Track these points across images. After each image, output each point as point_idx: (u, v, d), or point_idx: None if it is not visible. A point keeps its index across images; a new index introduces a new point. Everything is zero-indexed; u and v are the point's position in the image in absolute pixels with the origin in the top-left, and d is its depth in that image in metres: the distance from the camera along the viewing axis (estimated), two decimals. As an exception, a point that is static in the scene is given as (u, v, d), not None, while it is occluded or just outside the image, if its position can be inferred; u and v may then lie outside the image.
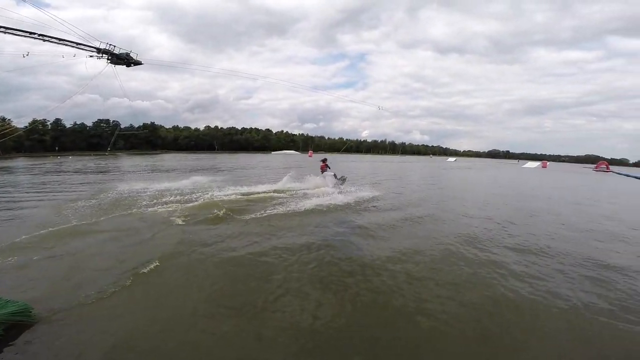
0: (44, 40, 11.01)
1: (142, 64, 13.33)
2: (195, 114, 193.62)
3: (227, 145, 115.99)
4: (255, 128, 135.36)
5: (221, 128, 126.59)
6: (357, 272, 5.37)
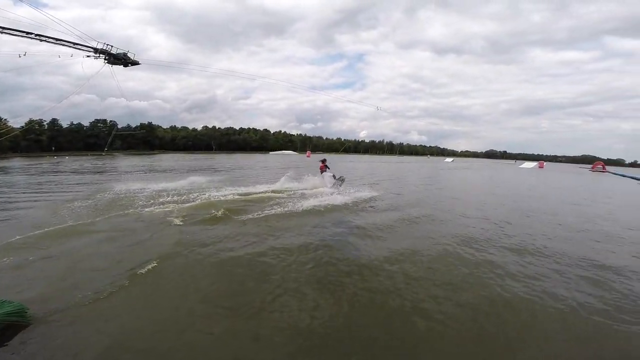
0: (41, 40, 10.97)
1: (139, 64, 13.32)
2: (193, 114, 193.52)
3: (224, 145, 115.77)
4: (253, 128, 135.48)
5: (219, 128, 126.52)
6: (355, 272, 5.38)
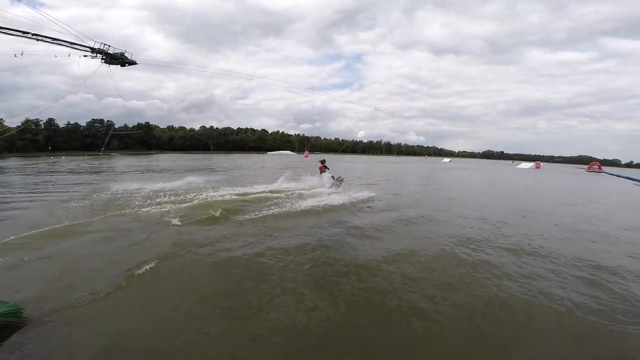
0: (38, 40, 10.91)
1: (136, 64, 13.30)
2: (190, 114, 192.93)
3: (222, 145, 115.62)
4: (251, 128, 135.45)
5: (216, 128, 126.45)
6: (352, 272, 5.38)
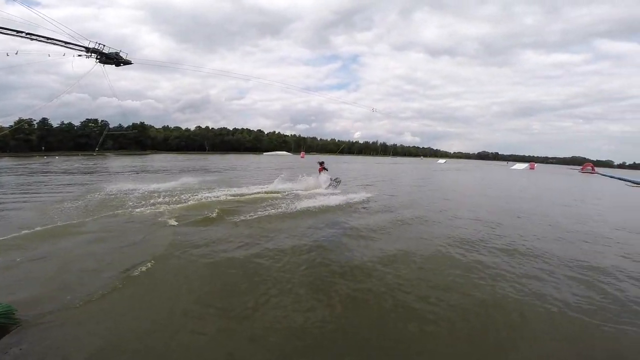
0: (32, 39, 10.79)
1: (131, 64, 13.18)
2: (186, 114, 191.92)
3: (218, 145, 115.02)
4: (247, 129, 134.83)
5: (212, 128, 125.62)
6: (348, 273, 5.40)
